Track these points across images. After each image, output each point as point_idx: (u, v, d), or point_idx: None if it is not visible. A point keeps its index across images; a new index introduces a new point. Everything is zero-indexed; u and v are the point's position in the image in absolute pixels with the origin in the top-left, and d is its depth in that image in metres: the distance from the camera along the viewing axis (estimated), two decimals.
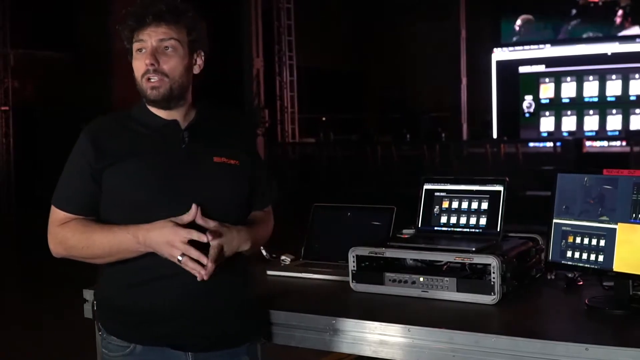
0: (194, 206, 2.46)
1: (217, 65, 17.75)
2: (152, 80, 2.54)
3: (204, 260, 2.42)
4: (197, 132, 2.64)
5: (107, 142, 2.57)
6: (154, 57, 2.54)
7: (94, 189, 2.56)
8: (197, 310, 2.53)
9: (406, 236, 3.34)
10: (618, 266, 2.75)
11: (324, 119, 23.14)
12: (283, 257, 3.69)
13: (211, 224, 2.48)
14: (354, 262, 3.11)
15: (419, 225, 3.33)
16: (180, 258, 2.42)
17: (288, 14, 19.86)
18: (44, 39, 17.42)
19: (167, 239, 2.42)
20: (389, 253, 3.08)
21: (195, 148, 2.61)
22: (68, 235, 2.55)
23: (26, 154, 16.09)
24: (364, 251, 3.11)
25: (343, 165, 17.75)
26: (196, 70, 2.68)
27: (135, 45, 2.57)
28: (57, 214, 2.59)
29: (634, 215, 2.73)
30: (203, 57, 2.70)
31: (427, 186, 3.36)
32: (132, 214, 2.50)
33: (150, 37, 2.54)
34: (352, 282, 3.12)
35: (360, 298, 3.07)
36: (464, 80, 19.52)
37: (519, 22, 20.23)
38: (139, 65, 2.56)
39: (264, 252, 3.84)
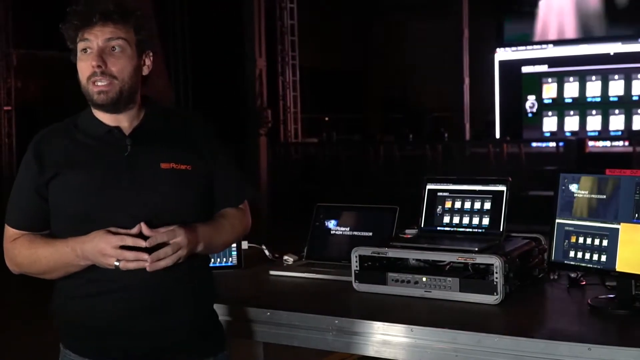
0: (139, 225, 2.36)
1: (220, 66, 17.71)
2: (99, 84, 2.42)
3: (144, 256, 2.35)
4: (143, 137, 2.52)
5: (50, 154, 2.48)
6: (101, 58, 2.41)
7: (41, 204, 2.48)
8: (147, 326, 2.46)
9: (409, 236, 3.34)
10: (621, 266, 2.75)
11: (326, 119, 23.15)
12: (286, 257, 3.69)
13: (161, 230, 2.39)
14: (356, 262, 3.11)
15: (422, 225, 3.34)
16: (116, 264, 2.35)
17: (291, 14, 19.83)
18: (47, 39, 17.42)
19: (98, 248, 2.35)
20: (392, 253, 3.08)
21: (140, 155, 2.49)
22: (16, 252, 2.50)
23: None
24: (367, 251, 3.11)
25: (346, 165, 17.73)
26: (145, 71, 2.55)
27: (80, 45, 2.45)
28: (8, 231, 2.54)
29: (636, 215, 2.73)
30: (151, 58, 2.56)
31: (429, 186, 3.36)
32: (77, 227, 2.42)
33: (96, 37, 2.42)
34: (355, 282, 3.12)
35: (363, 298, 3.08)
36: (467, 80, 19.48)
37: None
38: (84, 66, 2.44)
39: (266, 252, 3.85)
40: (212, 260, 3.56)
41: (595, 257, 2.83)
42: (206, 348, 2.62)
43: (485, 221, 3.20)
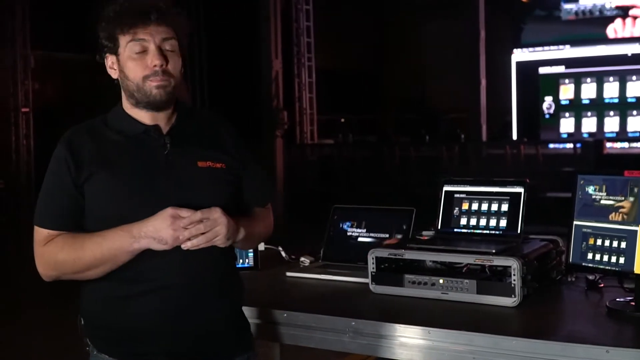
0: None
1: (236, 67, 17.70)
2: (158, 81, 2.44)
3: (200, 227, 2.37)
4: (179, 136, 2.53)
5: (85, 154, 2.45)
6: (164, 57, 2.45)
7: (78, 203, 2.44)
8: (191, 324, 2.47)
9: (426, 238, 3.33)
10: (639, 268, 2.74)
11: (342, 120, 23.14)
12: (302, 259, 3.69)
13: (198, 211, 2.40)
14: (373, 263, 3.10)
15: (439, 227, 3.33)
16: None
17: (307, 16, 19.84)
18: (65, 41, 17.49)
19: (165, 224, 2.34)
20: (409, 255, 3.08)
21: (178, 154, 2.50)
22: (56, 250, 2.43)
23: (46, 155, 16.08)
24: (384, 253, 3.10)
25: (361, 167, 17.72)
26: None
27: (134, 46, 2.45)
28: (40, 234, 2.47)
29: None
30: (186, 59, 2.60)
31: (446, 188, 3.35)
32: (115, 226, 2.40)
33: (152, 36, 2.44)
34: (372, 283, 3.12)
35: (380, 300, 3.07)
36: (483, 81, 19.42)
37: None
38: (140, 66, 2.45)
39: (283, 254, 3.85)
40: None
41: (614, 259, 2.81)
42: (239, 346, 2.64)
43: (503, 223, 3.20)
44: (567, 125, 19.29)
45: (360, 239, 3.60)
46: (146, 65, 2.44)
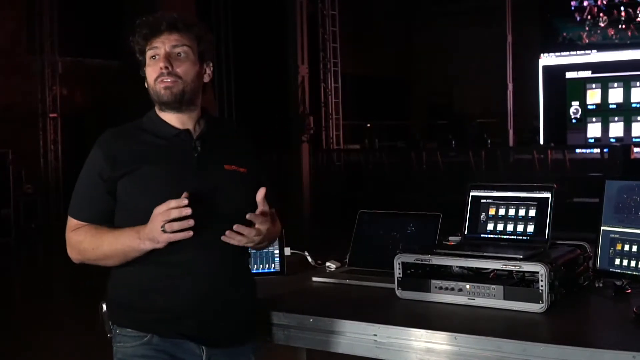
0: (185, 193, 2.52)
1: (263, 73, 17.77)
2: (165, 81, 2.67)
3: (190, 222, 2.51)
4: (208, 141, 2.77)
5: (120, 153, 2.69)
6: (168, 60, 2.68)
7: (107, 199, 2.70)
8: (213, 308, 2.67)
9: (452, 243, 3.32)
10: None
11: (368, 125, 23.15)
12: (328, 264, 3.69)
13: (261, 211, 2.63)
14: (399, 269, 3.10)
15: (466, 233, 3.32)
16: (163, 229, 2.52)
17: (333, 21, 19.87)
18: (93, 47, 17.60)
19: (152, 217, 2.53)
20: (435, 260, 3.07)
21: (207, 157, 2.74)
22: (80, 238, 2.71)
23: (74, 161, 16.16)
24: (410, 258, 3.09)
25: (388, 172, 17.72)
26: (206, 79, 2.83)
27: (149, 53, 2.73)
28: (71, 222, 2.77)
29: None
30: (211, 67, 2.85)
31: (473, 193, 3.34)
32: (145, 221, 2.59)
33: (163, 44, 2.70)
34: (398, 289, 3.11)
35: (406, 305, 3.06)
36: (510, 86, 19.38)
37: None
38: (153, 70, 2.71)
39: (309, 259, 3.86)
40: (256, 266, 3.61)
41: None
42: (251, 334, 2.86)
43: (530, 228, 3.18)
44: (594, 129, 19.22)
45: (386, 244, 3.59)
46: (157, 68, 2.70)
